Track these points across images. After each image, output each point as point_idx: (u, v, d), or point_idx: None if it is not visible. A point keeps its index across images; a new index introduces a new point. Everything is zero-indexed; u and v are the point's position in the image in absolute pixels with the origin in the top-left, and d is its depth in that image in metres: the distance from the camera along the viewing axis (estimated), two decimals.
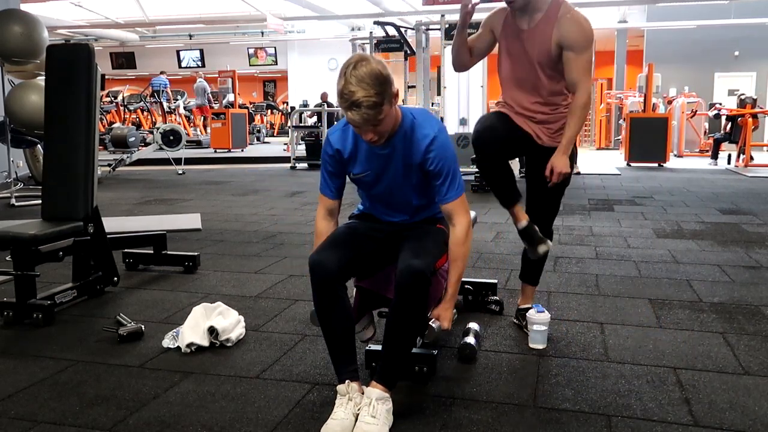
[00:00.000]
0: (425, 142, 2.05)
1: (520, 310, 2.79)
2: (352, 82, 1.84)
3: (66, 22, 17.15)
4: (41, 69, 6.62)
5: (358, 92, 1.83)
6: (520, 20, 2.54)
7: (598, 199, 6.93)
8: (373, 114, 1.87)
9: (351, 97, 1.84)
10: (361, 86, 1.83)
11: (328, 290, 1.98)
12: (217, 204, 6.83)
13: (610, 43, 18.88)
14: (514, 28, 2.56)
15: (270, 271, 3.86)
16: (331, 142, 2.16)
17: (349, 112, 1.87)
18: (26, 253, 2.93)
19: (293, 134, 11.96)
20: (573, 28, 2.44)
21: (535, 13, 2.50)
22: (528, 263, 2.81)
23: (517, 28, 2.55)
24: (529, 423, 1.95)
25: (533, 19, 2.50)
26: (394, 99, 1.95)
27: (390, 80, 1.90)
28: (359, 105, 1.84)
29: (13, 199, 6.82)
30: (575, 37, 2.44)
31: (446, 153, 2.08)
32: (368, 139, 1.97)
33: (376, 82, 1.85)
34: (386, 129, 1.97)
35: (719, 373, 2.30)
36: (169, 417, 2.00)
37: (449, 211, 2.11)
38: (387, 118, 1.93)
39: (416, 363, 2.20)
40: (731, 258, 4.10)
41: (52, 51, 3.39)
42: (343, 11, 15.83)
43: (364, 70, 1.84)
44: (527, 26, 2.52)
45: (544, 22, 2.48)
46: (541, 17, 2.49)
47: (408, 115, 2.08)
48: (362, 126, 1.91)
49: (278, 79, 27.44)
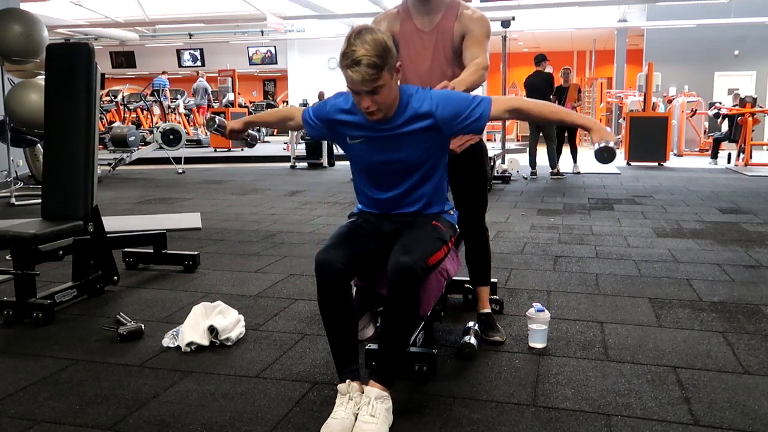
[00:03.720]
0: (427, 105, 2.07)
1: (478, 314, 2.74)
2: (355, 43, 1.88)
3: (66, 21, 17.14)
4: (41, 68, 6.63)
5: (360, 50, 1.86)
6: (421, 23, 2.54)
7: (598, 199, 6.93)
8: (372, 73, 1.88)
9: (353, 55, 1.87)
10: (363, 46, 1.87)
11: (333, 289, 1.98)
12: (217, 203, 6.84)
13: (610, 42, 18.91)
14: (414, 31, 2.55)
15: (270, 271, 3.86)
16: (331, 100, 2.19)
17: (349, 70, 1.89)
18: (26, 252, 2.94)
19: (293, 133, 11.95)
20: (472, 20, 2.51)
21: (436, 13, 2.52)
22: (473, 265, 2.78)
23: (416, 29, 2.55)
24: (528, 422, 1.95)
25: (435, 18, 2.52)
26: (395, 72, 1.97)
27: (392, 51, 1.94)
28: (359, 62, 1.86)
29: (12, 198, 6.82)
30: (473, 26, 2.51)
31: (445, 95, 2.10)
32: (365, 107, 1.97)
33: (379, 46, 1.88)
34: (385, 101, 1.97)
35: (719, 372, 2.30)
36: (169, 416, 2.00)
37: (499, 113, 2.12)
38: (386, 89, 1.94)
39: (416, 362, 2.20)
40: (731, 257, 4.11)
41: (52, 50, 3.39)
42: (343, 10, 15.82)
43: (369, 36, 1.89)
44: (429, 27, 2.53)
45: (445, 20, 2.51)
46: (440, 17, 2.52)
47: (406, 92, 2.10)
48: (360, 87, 1.92)
49: (278, 78, 27.44)
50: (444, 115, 2.07)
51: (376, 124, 2.07)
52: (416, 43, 2.55)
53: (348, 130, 2.16)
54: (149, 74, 20.18)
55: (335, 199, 6.90)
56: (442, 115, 2.07)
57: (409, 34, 2.57)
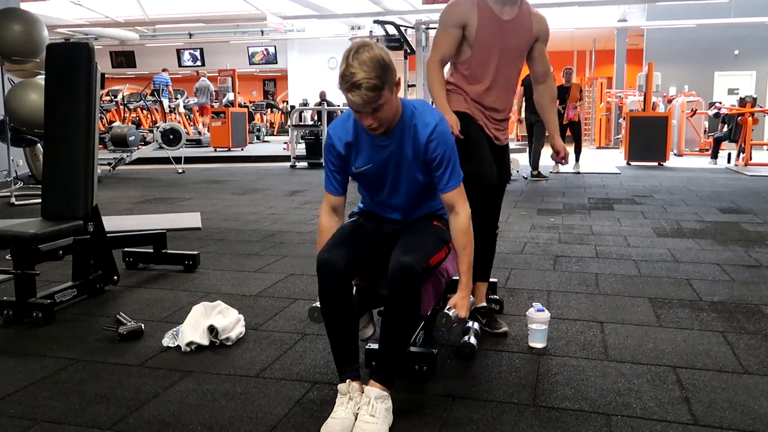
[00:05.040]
0: (426, 131, 2.05)
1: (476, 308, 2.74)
2: (353, 65, 1.84)
3: (66, 20, 17.14)
4: (41, 68, 6.63)
5: (359, 73, 1.83)
6: (500, 10, 2.52)
7: (598, 198, 6.93)
8: (373, 96, 1.86)
9: (352, 78, 1.84)
10: (362, 68, 1.84)
11: (335, 289, 1.98)
12: (217, 203, 6.83)
13: (610, 42, 18.89)
14: (493, 18, 2.51)
15: (270, 270, 3.86)
16: (332, 137, 2.15)
17: (349, 93, 1.87)
18: (26, 252, 2.93)
19: (293, 133, 11.95)
20: (544, 22, 2.63)
21: (514, 5, 2.53)
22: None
23: (497, 18, 2.51)
24: (528, 422, 1.95)
25: (513, 10, 2.53)
26: (395, 87, 1.96)
27: (392, 67, 1.91)
28: (359, 86, 1.84)
29: (12, 198, 6.82)
30: (546, 31, 2.64)
31: (447, 141, 2.08)
32: (368, 125, 1.96)
33: (378, 66, 1.85)
34: (386, 116, 1.97)
35: (719, 372, 2.30)
36: (168, 416, 2.00)
37: (451, 200, 2.10)
38: (387, 105, 1.93)
39: (416, 362, 2.20)
40: (731, 257, 4.10)
41: (52, 50, 3.39)
42: (343, 10, 15.82)
43: (367, 55, 1.85)
44: (509, 17, 2.51)
45: (523, 14, 2.54)
46: (518, 10, 2.54)
47: (408, 106, 2.08)
48: (362, 109, 1.91)
49: (278, 78, 27.44)
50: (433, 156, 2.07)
51: (378, 140, 2.07)
52: (494, 30, 2.51)
53: (354, 158, 2.15)
54: (149, 74, 20.17)
55: None
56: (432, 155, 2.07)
57: (488, 20, 2.50)
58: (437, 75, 2.59)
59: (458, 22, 2.53)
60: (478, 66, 2.57)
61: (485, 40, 2.52)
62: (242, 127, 14.48)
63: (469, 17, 2.51)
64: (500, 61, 2.55)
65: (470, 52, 2.56)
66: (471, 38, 2.52)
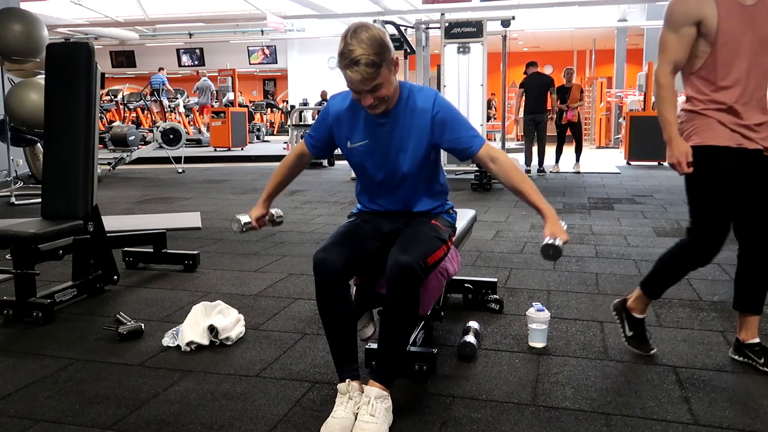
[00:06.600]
0: (428, 103, 2.06)
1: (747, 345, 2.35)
2: (352, 42, 1.87)
3: (66, 20, 17.13)
4: (41, 67, 6.63)
5: (357, 50, 1.85)
6: None
7: (598, 198, 6.93)
8: (371, 72, 1.87)
9: (350, 55, 1.86)
10: (360, 46, 1.86)
11: (331, 288, 1.98)
12: (217, 202, 6.83)
13: (610, 42, 18.90)
14: (735, 4, 2.11)
15: (270, 270, 3.86)
16: (329, 107, 2.18)
17: (348, 70, 1.88)
18: (26, 252, 2.93)
19: (293, 133, 11.95)
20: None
21: None
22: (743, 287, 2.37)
23: (739, 4, 2.11)
24: (528, 421, 1.95)
25: None
26: (393, 67, 1.97)
27: (389, 47, 1.93)
28: (357, 62, 1.85)
29: (12, 197, 6.82)
30: None
31: (449, 108, 2.09)
32: (367, 104, 1.96)
33: (376, 43, 1.87)
34: (385, 95, 1.97)
35: (719, 371, 2.30)
36: (168, 415, 2.00)
37: (485, 156, 2.06)
38: (386, 84, 1.94)
39: (416, 361, 2.20)
40: (731, 256, 4.07)
41: (52, 49, 3.39)
42: (343, 10, 15.82)
43: (365, 34, 1.88)
44: (752, 0, 2.10)
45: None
46: None
47: (405, 86, 2.10)
48: (361, 87, 1.91)
49: (278, 77, 27.44)
50: (440, 120, 2.05)
51: (377, 118, 2.07)
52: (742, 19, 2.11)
53: (349, 133, 2.15)
54: (149, 74, 20.17)
55: (335, 199, 6.89)
56: (440, 119, 2.05)
57: (731, 8, 2.10)
58: (669, 92, 2.20)
59: (692, 18, 2.13)
60: (724, 67, 2.14)
61: (732, 32, 2.11)
62: (242, 127, 14.49)
63: (704, 10, 2.11)
64: (752, 55, 2.13)
65: (709, 52, 2.15)
66: (711, 35, 2.11)
